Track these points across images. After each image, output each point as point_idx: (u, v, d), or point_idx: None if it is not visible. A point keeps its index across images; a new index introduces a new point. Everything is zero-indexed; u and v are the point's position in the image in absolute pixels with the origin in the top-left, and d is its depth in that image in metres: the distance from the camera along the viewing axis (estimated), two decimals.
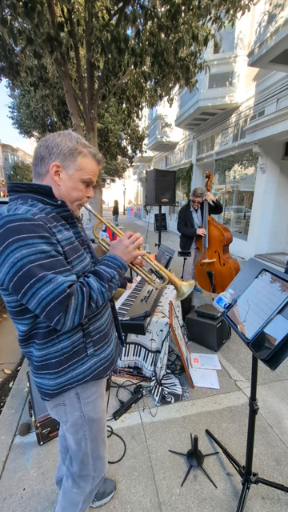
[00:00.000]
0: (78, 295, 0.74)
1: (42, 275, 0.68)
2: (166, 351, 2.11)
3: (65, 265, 0.75)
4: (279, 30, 3.79)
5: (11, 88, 7.03)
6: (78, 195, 0.86)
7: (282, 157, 5.96)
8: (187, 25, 3.87)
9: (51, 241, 0.72)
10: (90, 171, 0.85)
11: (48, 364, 0.83)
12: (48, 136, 0.83)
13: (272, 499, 1.35)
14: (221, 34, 5.07)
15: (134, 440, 1.68)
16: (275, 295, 1.01)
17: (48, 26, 3.59)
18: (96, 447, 1.01)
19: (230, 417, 1.87)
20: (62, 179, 0.82)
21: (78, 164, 0.82)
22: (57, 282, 0.69)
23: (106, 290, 0.80)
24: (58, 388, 0.86)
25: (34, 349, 0.83)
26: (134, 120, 8.73)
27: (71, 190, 0.84)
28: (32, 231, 0.68)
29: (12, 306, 0.76)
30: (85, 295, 0.75)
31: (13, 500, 1.34)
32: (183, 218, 3.77)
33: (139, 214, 19.87)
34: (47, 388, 0.87)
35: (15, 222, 0.67)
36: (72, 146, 0.81)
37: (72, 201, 0.86)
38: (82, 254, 0.86)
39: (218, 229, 3.44)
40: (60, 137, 0.81)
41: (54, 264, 0.71)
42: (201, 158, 9.23)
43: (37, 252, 0.68)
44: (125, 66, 4.54)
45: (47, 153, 0.80)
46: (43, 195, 0.79)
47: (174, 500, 1.35)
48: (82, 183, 0.85)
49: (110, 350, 0.97)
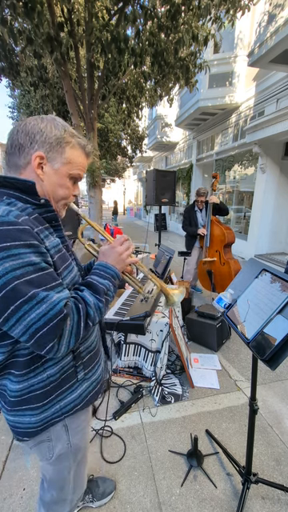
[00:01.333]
0: (73, 314, 0.63)
1: (31, 294, 0.56)
2: (166, 351, 2.11)
3: (56, 278, 0.63)
4: (279, 30, 3.79)
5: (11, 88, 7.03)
6: (65, 193, 0.74)
7: (282, 157, 5.96)
8: (187, 25, 3.87)
9: (40, 249, 0.60)
10: (80, 165, 0.74)
11: (30, 398, 0.70)
12: (28, 120, 0.68)
13: (272, 499, 1.35)
14: (221, 34, 5.07)
15: (133, 440, 1.68)
16: (275, 295, 1.01)
17: (48, 25, 3.59)
18: (79, 472, 0.94)
19: (229, 417, 1.87)
20: (47, 173, 0.69)
21: (66, 156, 0.70)
22: (50, 301, 0.58)
23: (103, 305, 0.71)
24: (43, 424, 0.74)
25: (9, 381, 0.69)
26: (134, 120, 8.73)
27: (56, 186, 0.71)
28: (17, 238, 0.56)
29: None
30: (81, 313, 0.65)
31: (13, 500, 1.34)
32: (188, 217, 3.85)
33: (139, 214, 19.88)
34: (28, 426, 0.73)
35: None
36: (59, 134, 0.69)
37: (57, 199, 0.74)
38: (70, 264, 0.75)
39: (220, 228, 3.46)
40: (44, 122, 0.68)
41: (45, 278, 0.59)
42: (201, 158, 9.23)
43: (24, 265, 0.56)
44: (125, 65, 4.54)
45: (28, 140, 0.66)
46: (23, 192, 0.65)
47: (174, 500, 1.35)
48: (70, 179, 0.74)
49: (100, 371, 0.88)
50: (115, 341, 2.26)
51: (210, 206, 3.48)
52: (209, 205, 3.49)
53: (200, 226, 3.78)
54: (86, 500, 1.30)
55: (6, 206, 0.59)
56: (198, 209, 3.81)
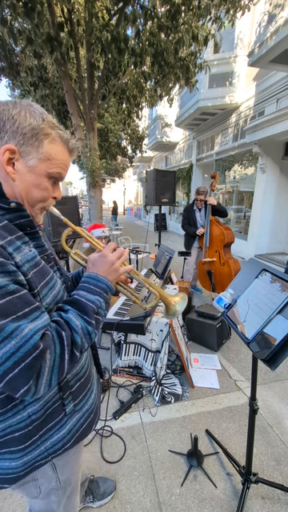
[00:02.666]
0: (54, 346, 0.52)
1: (3, 323, 0.46)
2: (166, 351, 2.11)
3: (31, 302, 0.52)
4: (279, 30, 3.79)
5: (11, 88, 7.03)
6: (42, 195, 0.61)
7: (282, 157, 5.96)
8: (187, 25, 3.87)
9: (7, 268, 0.50)
10: (61, 163, 0.61)
11: (8, 440, 0.60)
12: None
13: (272, 499, 1.35)
14: (221, 34, 5.07)
15: (133, 440, 1.68)
16: (275, 295, 1.01)
17: (48, 25, 3.59)
18: (69, 504, 0.84)
19: (229, 417, 1.87)
20: (19, 171, 0.57)
21: (43, 151, 0.58)
22: (21, 335, 0.47)
23: (93, 329, 0.59)
24: (26, 468, 0.64)
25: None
26: (134, 120, 8.73)
27: (32, 187, 0.59)
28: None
29: None
30: (65, 343, 0.53)
31: (13, 500, 1.34)
32: (187, 216, 3.87)
33: (139, 214, 19.88)
34: (7, 472, 0.62)
35: None
36: (36, 123, 0.56)
37: (33, 203, 0.61)
38: (52, 278, 0.63)
39: (219, 228, 3.47)
40: (16, 107, 0.54)
41: (15, 304, 0.49)
42: (201, 158, 9.23)
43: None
44: (125, 65, 4.54)
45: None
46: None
47: (174, 500, 1.35)
48: (49, 179, 0.61)
49: (93, 397, 0.76)
50: (115, 341, 2.26)
51: (208, 207, 3.49)
52: (208, 205, 3.50)
53: (199, 225, 3.79)
54: (86, 501, 1.30)
55: None
56: (197, 208, 3.82)
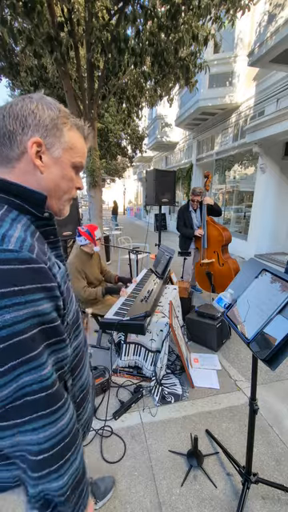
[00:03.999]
0: None
1: (32, 355, 0.45)
2: (166, 351, 2.11)
3: (61, 332, 0.51)
4: (279, 30, 3.78)
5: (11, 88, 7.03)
6: (68, 186, 0.60)
7: (281, 157, 5.96)
8: (187, 25, 3.87)
9: (54, 293, 0.49)
10: (81, 151, 0.61)
11: None
12: (13, 101, 0.54)
13: (272, 499, 1.35)
14: (221, 34, 5.06)
15: (133, 440, 1.68)
16: (275, 295, 1.01)
17: (48, 26, 3.59)
18: None
19: (230, 417, 1.87)
20: (46, 164, 0.55)
21: (66, 141, 0.57)
22: (43, 372, 0.46)
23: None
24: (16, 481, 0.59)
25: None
26: (134, 120, 8.72)
27: (59, 179, 0.58)
28: (31, 281, 0.44)
29: None
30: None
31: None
32: (182, 218, 3.81)
33: (139, 214, 19.88)
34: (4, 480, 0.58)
35: (5, 264, 0.42)
36: (54, 114, 0.55)
37: (60, 195, 0.60)
38: (70, 290, 0.61)
39: (216, 229, 3.46)
40: (33, 102, 0.53)
41: (50, 334, 0.48)
42: (201, 158, 9.23)
43: (33, 315, 0.44)
44: (125, 65, 4.54)
45: (18, 125, 0.52)
46: (26, 202, 0.52)
47: (174, 500, 1.35)
48: (73, 168, 0.60)
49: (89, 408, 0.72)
50: (115, 341, 2.26)
51: (204, 207, 3.47)
52: (203, 206, 3.48)
53: (195, 226, 3.74)
54: None
55: (16, 231, 0.46)
56: (193, 209, 3.77)
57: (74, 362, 0.63)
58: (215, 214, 3.61)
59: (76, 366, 0.64)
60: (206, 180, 3.55)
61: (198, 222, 3.74)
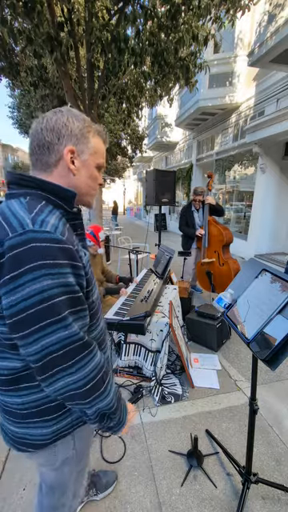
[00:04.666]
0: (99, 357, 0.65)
1: (63, 316, 0.56)
2: (166, 351, 2.11)
3: (83, 303, 0.63)
4: (279, 30, 3.79)
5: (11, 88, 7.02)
6: (94, 184, 0.73)
7: (282, 157, 5.96)
8: (187, 25, 3.87)
9: (79, 272, 0.60)
10: (102, 153, 0.73)
11: (45, 409, 0.69)
12: (47, 116, 0.65)
13: (272, 499, 1.35)
14: (221, 34, 5.07)
15: (133, 440, 1.68)
16: (275, 295, 1.01)
17: (48, 25, 3.59)
18: (81, 477, 0.93)
19: (230, 417, 1.86)
20: (77, 167, 0.67)
21: (91, 146, 0.69)
22: (72, 329, 0.58)
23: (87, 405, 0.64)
24: (54, 436, 0.73)
25: (25, 392, 0.66)
26: (134, 120, 8.72)
27: (87, 178, 0.70)
28: (61, 257, 0.55)
29: (7, 337, 0.59)
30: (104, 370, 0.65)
31: (13, 500, 1.34)
32: (184, 217, 3.84)
33: (139, 214, 19.87)
34: (38, 438, 0.71)
35: (42, 242, 0.53)
36: (81, 125, 0.67)
37: (87, 191, 0.73)
38: (93, 277, 0.73)
39: (217, 229, 3.46)
40: (64, 115, 0.65)
41: (74, 302, 0.59)
42: (201, 158, 9.23)
43: (62, 284, 0.55)
44: (125, 65, 4.54)
45: (55, 136, 0.63)
46: (61, 199, 0.64)
47: (174, 500, 1.35)
48: (96, 168, 0.73)
49: (107, 354, 0.89)
50: (115, 341, 2.26)
51: (206, 207, 3.48)
52: (205, 205, 3.49)
53: (197, 226, 3.76)
54: (90, 494, 1.32)
55: (51, 219, 0.57)
56: (195, 209, 3.79)
57: (99, 340, 0.78)
58: (218, 213, 3.62)
59: (101, 343, 0.78)
60: (210, 180, 3.56)
61: (200, 221, 3.75)
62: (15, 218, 0.54)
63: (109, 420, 0.69)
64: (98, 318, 0.76)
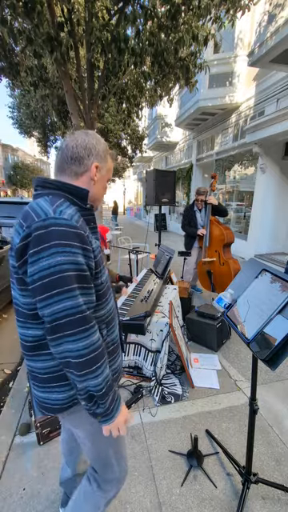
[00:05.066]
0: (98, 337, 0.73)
1: (70, 288, 0.66)
2: (166, 351, 2.11)
3: (89, 281, 0.73)
4: (279, 30, 3.78)
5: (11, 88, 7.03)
6: (104, 192, 0.93)
7: (281, 157, 5.96)
8: (187, 25, 3.88)
9: (88, 253, 0.72)
10: (112, 169, 0.94)
11: (61, 375, 0.79)
12: (79, 136, 0.83)
13: (272, 499, 1.35)
14: (221, 34, 5.07)
15: (133, 440, 1.68)
16: (275, 295, 1.01)
17: (48, 25, 3.59)
18: (118, 448, 0.98)
19: (230, 417, 1.87)
20: (97, 179, 0.86)
21: (108, 164, 0.89)
22: (77, 301, 0.68)
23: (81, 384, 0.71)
24: (69, 402, 0.82)
25: (44, 358, 0.78)
26: (134, 120, 8.72)
27: (101, 188, 0.90)
28: (74, 239, 0.68)
29: (31, 308, 0.73)
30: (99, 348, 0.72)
31: (13, 500, 1.34)
32: (187, 217, 3.86)
33: (139, 214, 19.87)
34: (55, 403, 0.82)
35: (60, 227, 0.66)
36: (103, 148, 0.87)
37: (99, 198, 0.91)
38: (102, 262, 0.86)
39: (219, 228, 3.47)
40: (93, 138, 0.85)
41: (81, 279, 0.70)
42: (201, 158, 9.23)
43: (72, 262, 0.67)
44: (125, 66, 4.54)
45: (86, 153, 0.82)
46: (76, 197, 0.78)
47: (174, 500, 1.35)
48: (107, 181, 0.93)
49: (119, 361, 0.96)
50: None
51: (209, 207, 3.49)
52: (208, 205, 3.50)
53: (199, 226, 3.78)
54: None
55: (69, 210, 0.71)
56: (198, 209, 3.82)
57: (108, 318, 0.88)
58: (221, 214, 3.63)
59: (109, 322, 0.89)
60: (213, 181, 3.56)
61: (203, 221, 3.76)
62: (41, 209, 0.69)
63: (96, 405, 0.73)
64: (106, 299, 0.87)
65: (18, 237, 0.69)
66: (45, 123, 10.16)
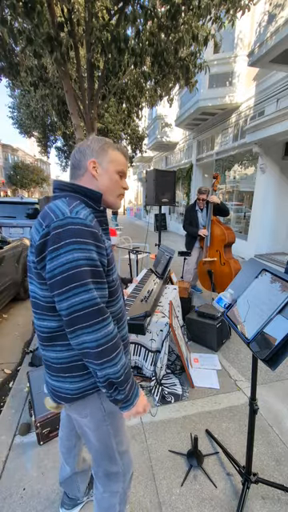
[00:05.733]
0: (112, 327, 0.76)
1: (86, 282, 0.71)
2: (166, 351, 2.11)
3: (102, 277, 0.77)
4: (279, 30, 3.78)
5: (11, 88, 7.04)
6: (115, 186, 0.92)
7: (281, 157, 5.96)
8: (187, 25, 3.88)
9: (101, 251, 0.77)
10: (121, 162, 0.92)
11: (73, 366, 0.83)
12: (79, 144, 0.91)
13: (272, 499, 1.35)
14: (221, 34, 5.06)
15: (133, 440, 1.68)
16: (275, 295, 1.01)
17: (48, 26, 3.59)
18: (120, 441, 0.99)
19: (230, 417, 1.87)
20: (99, 174, 0.88)
21: (109, 157, 0.89)
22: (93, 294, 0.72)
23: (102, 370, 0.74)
24: (79, 392, 0.85)
25: (58, 348, 0.82)
26: (134, 120, 8.72)
27: (109, 181, 0.89)
28: (88, 237, 0.72)
29: (48, 300, 0.77)
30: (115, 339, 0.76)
31: (13, 500, 1.34)
32: (188, 217, 3.86)
33: (139, 214, 19.87)
34: (67, 392, 0.85)
35: (76, 225, 0.71)
36: (101, 143, 0.89)
37: (111, 192, 0.91)
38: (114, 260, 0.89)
39: (220, 228, 3.47)
40: (88, 141, 0.90)
41: (95, 274, 0.74)
42: (201, 158, 9.23)
43: (87, 258, 0.71)
44: (125, 66, 4.54)
45: (82, 155, 0.87)
46: (90, 199, 0.83)
47: (174, 500, 1.35)
48: (117, 174, 0.91)
49: (128, 357, 0.96)
50: None
51: (210, 206, 3.48)
52: (209, 205, 3.49)
53: (201, 226, 3.77)
54: (90, 494, 1.32)
55: (84, 211, 0.75)
56: (199, 208, 3.81)
57: (119, 315, 0.92)
58: (223, 213, 3.61)
59: (120, 318, 0.93)
60: (215, 181, 3.55)
61: (204, 221, 3.75)
62: (59, 209, 0.73)
63: (116, 391, 0.76)
64: (117, 296, 0.90)
65: (38, 234, 0.73)
66: (45, 123, 10.17)
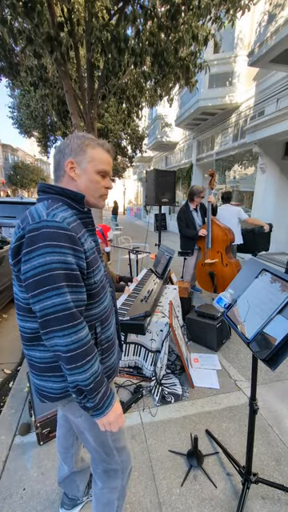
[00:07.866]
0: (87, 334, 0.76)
1: (59, 285, 0.70)
2: (166, 351, 2.11)
3: (79, 280, 0.76)
4: (279, 30, 3.79)
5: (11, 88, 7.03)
6: (95, 186, 0.87)
7: (281, 157, 5.96)
8: (187, 25, 3.87)
9: (79, 254, 0.75)
10: (102, 161, 0.87)
11: (56, 366, 0.82)
12: (60, 143, 0.89)
13: (272, 499, 1.35)
14: (221, 34, 5.06)
15: (134, 440, 1.68)
16: (275, 295, 1.01)
17: (48, 26, 3.59)
18: (117, 438, 0.99)
19: (230, 417, 1.87)
20: (78, 174, 0.84)
21: (89, 156, 0.84)
22: (65, 298, 0.71)
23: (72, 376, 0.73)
24: (63, 392, 0.85)
25: (41, 348, 0.82)
26: (134, 120, 8.72)
27: (88, 182, 0.86)
28: (64, 240, 0.71)
29: (27, 302, 0.76)
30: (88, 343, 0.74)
31: (13, 500, 1.34)
32: (184, 219, 3.67)
33: (139, 214, 19.87)
34: (50, 391, 0.85)
35: (51, 229, 0.70)
36: (80, 141, 0.84)
37: (92, 193, 0.87)
38: (99, 265, 0.88)
39: (221, 229, 3.41)
40: (68, 139, 0.86)
41: (70, 278, 0.73)
42: (201, 158, 9.23)
43: (61, 261, 0.70)
44: (125, 65, 4.54)
45: (61, 155, 0.85)
46: (73, 201, 0.82)
47: (174, 500, 1.35)
48: (97, 174, 0.87)
49: (114, 359, 0.97)
50: None
51: (209, 205, 3.44)
52: (208, 204, 3.45)
53: (198, 226, 3.66)
54: (90, 494, 1.32)
55: (62, 213, 0.74)
56: (193, 209, 3.68)
57: (102, 317, 0.89)
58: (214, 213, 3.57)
59: (104, 320, 0.90)
60: (211, 178, 3.47)
61: (200, 221, 3.69)
62: (36, 212, 0.73)
63: (86, 399, 0.75)
64: (100, 298, 0.88)
65: (15, 237, 0.74)
66: (45, 123, 10.16)
